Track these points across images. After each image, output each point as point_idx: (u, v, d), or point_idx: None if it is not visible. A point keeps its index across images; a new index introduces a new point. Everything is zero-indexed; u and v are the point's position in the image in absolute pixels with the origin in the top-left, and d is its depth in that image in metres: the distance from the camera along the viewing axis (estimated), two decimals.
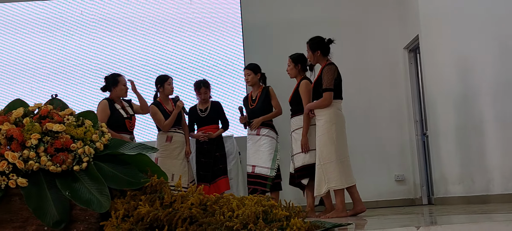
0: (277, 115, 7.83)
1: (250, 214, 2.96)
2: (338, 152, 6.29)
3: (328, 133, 6.32)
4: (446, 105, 8.07)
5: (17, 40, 9.07)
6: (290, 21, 9.70)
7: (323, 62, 6.53)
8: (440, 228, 3.00)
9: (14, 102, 3.57)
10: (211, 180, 7.91)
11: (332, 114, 6.35)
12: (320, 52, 6.55)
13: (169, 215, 2.97)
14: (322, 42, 6.59)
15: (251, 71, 7.87)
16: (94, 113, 3.69)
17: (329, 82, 6.32)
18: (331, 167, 6.28)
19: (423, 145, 9.54)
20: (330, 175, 6.28)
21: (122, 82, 7.24)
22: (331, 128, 6.32)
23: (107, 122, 6.87)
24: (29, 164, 3.14)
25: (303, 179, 6.92)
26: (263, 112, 7.76)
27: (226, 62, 9.32)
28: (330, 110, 6.35)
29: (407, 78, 9.72)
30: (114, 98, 7.17)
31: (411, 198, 9.57)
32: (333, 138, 6.30)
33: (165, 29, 9.34)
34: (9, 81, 8.93)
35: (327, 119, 6.34)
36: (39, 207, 3.04)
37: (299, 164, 6.92)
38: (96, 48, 9.20)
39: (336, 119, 6.35)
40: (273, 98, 7.81)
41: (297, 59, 7.18)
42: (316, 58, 6.59)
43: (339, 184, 6.28)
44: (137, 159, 3.41)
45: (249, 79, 7.89)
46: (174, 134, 7.74)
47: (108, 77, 7.27)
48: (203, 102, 8.21)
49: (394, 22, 9.82)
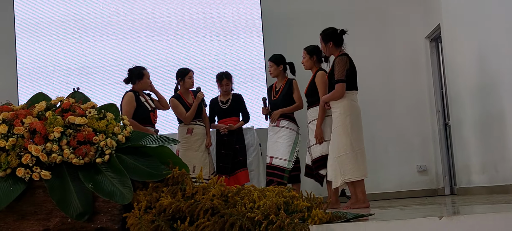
0: (297, 109, 7.80)
1: (271, 205, 2.96)
2: (353, 144, 6.23)
3: (343, 124, 6.26)
4: (468, 95, 8.01)
5: (39, 35, 9.12)
6: (310, 12, 9.66)
7: (336, 54, 6.45)
8: (463, 218, 2.98)
9: (36, 96, 3.61)
10: (231, 172, 7.94)
11: (347, 106, 6.28)
12: (332, 44, 6.44)
13: (191, 206, 2.98)
14: (335, 33, 6.48)
15: (273, 63, 7.87)
16: (116, 106, 3.71)
17: (341, 74, 6.23)
18: (347, 159, 6.22)
19: (445, 135, 9.48)
20: (345, 167, 6.22)
21: (147, 76, 7.28)
22: (345, 119, 6.26)
23: (133, 114, 6.95)
24: (52, 157, 3.17)
25: (321, 169, 6.91)
26: (285, 104, 7.74)
27: (246, 54, 9.31)
28: (344, 102, 6.28)
29: (429, 68, 9.65)
30: (138, 91, 7.21)
31: (433, 188, 9.52)
32: (348, 130, 6.24)
33: (185, 23, 9.33)
34: (32, 76, 8.99)
35: (341, 110, 6.28)
36: (63, 199, 3.07)
37: (317, 154, 6.92)
38: (116, 42, 9.22)
39: (351, 110, 6.28)
40: (295, 91, 7.78)
41: (312, 51, 7.17)
42: (329, 49, 6.50)
43: (354, 175, 6.22)
44: (159, 151, 3.43)
45: (271, 71, 7.90)
46: (195, 126, 7.76)
47: (132, 70, 7.30)
48: (225, 94, 8.21)
49: (416, 12, 9.76)
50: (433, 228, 2.93)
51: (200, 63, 9.19)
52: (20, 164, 3.13)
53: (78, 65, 9.11)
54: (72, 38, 9.15)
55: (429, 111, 9.64)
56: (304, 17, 9.64)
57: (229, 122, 8.10)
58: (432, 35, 9.48)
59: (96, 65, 9.14)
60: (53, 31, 9.15)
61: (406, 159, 9.56)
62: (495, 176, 7.40)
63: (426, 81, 9.67)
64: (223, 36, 9.34)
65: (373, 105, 9.46)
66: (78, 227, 3.10)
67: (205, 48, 9.30)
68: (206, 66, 9.17)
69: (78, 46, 9.14)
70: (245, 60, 9.25)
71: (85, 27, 9.20)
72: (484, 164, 7.70)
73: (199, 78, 8.55)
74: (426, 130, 9.63)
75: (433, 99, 9.59)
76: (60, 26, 9.19)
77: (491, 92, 7.40)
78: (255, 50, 9.26)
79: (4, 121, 3.24)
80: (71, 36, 9.16)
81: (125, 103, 7.09)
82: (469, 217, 3.01)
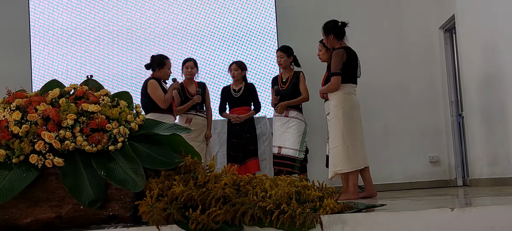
0: (303, 101, 7.88)
1: (283, 194, 2.97)
2: (345, 136, 6.28)
3: (336, 116, 6.37)
4: (482, 86, 7.97)
5: (54, 21, 9.16)
6: (324, 4, 9.62)
7: (337, 46, 6.51)
8: (475, 210, 2.97)
9: (50, 83, 3.61)
10: (242, 161, 7.96)
11: (340, 98, 6.35)
12: (333, 36, 6.52)
13: (203, 194, 2.98)
14: (336, 26, 6.54)
15: (284, 53, 7.90)
16: (129, 94, 3.71)
17: (336, 67, 6.31)
18: (338, 151, 6.31)
19: (458, 126, 9.44)
20: (336, 158, 6.31)
21: (168, 66, 7.31)
22: (338, 112, 6.34)
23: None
24: (65, 144, 3.18)
25: None
26: (293, 95, 7.81)
27: (260, 44, 9.31)
28: (338, 94, 6.36)
29: (442, 59, 9.61)
30: (158, 79, 7.24)
31: (445, 180, 9.49)
32: (340, 122, 6.31)
33: (199, 10, 9.35)
34: (46, 63, 9.04)
35: (335, 103, 6.38)
36: (75, 186, 3.08)
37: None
38: (130, 26, 9.26)
39: (343, 103, 6.34)
40: (302, 84, 7.85)
41: None
42: (330, 42, 6.58)
43: (345, 167, 6.29)
44: (171, 139, 3.43)
45: (281, 62, 7.93)
46: (194, 116, 7.78)
47: (155, 57, 7.33)
48: (237, 83, 8.23)
49: (430, 2, 9.72)
50: (445, 220, 2.92)
51: (213, 56, 9.20)
52: (33, 150, 3.14)
53: (92, 50, 9.16)
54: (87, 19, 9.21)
55: (443, 102, 9.61)
56: (317, 7, 9.61)
57: (240, 111, 8.13)
58: (446, 25, 9.43)
59: (111, 47, 9.20)
60: (66, 13, 9.20)
61: (419, 149, 9.54)
62: (508, 168, 7.37)
63: (440, 72, 9.63)
64: (237, 26, 9.34)
65: (386, 95, 9.45)
66: (90, 214, 3.11)
67: (218, 37, 9.31)
68: (219, 59, 9.18)
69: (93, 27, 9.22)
70: (258, 50, 9.25)
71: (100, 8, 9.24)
72: (497, 155, 7.67)
73: (213, 72, 8.61)
74: (439, 120, 9.60)
75: (446, 90, 9.55)
76: (75, 14, 9.23)
77: (505, 83, 7.36)
78: (268, 40, 9.26)
79: (18, 107, 3.26)
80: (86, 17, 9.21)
81: (153, 89, 7.12)
82: (481, 208, 3.00)
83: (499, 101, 7.54)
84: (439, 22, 9.55)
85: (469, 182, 8.80)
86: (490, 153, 7.86)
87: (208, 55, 9.14)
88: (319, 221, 2.85)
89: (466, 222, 2.91)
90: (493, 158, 7.78)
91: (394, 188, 8.92)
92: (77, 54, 9.11)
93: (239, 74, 8.22)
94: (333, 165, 6.37)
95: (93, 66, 8.98)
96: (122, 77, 8.97)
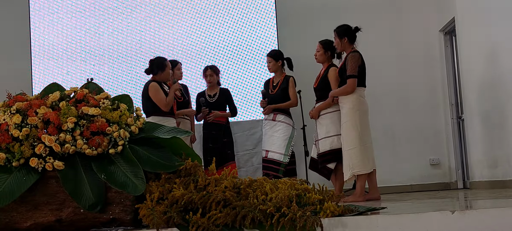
0: (290, 106, 7.98)
1: (284, 197, 2.97)
2: (361, 138, 6.46)
3: (352, 119, 6.50)
4: (482, 89, 7.97)
5: (54, 24, 9.16)
6: (324, 4, 9.63)
7: (349, 50, 6.66)
8: (476, 213, 2.97)
9: (50, 86, 3.61)
10: (219, 165, 7.91)
11: (356, 101, 6.51)
12: (347, 39, 6.66)
13: (203, 198, 2.99)
14: (350, 29, 6.70)
15: (271, 58, 8.03)
16: (129, 97, 3.71)
17: (353, 69, 6.47)
18: (355, 153, 6.46)
19: (458, 128, 9.44)
20: (353, 161, 6.46)
21: (169, 67, 7.29)
22: (354, 114, 6.49)
23: None
24: (65, 147, 3.18)
25: (329, 163, 6.97)
26: (282, 99, 7.92)
27: (259, 46, 9.30)
28: (353, 97, 6.51)
29: (442, 61, 9.61)
30: (160, 82, 7.22)
31: (446, 182, 9.48)
32: (357, 125, 6.47)
33: (199, 13, 9.35)
34: (46, 66, 9.04)
35: (350, 106, 6.51)
36: (75, 189, 3.08)
37: (327, 148, 6.98)
38: (129, 30, 9.25)
39: (359, 106, 6.51)
40: (291, 89, 7.93)
41: (327, 45, 7.21)
42: (343, 45, 6.70)
43: (362, 169, 6.47)
44: (172, 143, 3.43)
45: (270, 66, 8.02)
46: (182, 120, 7.77)
47: (153, 61, 7.31)
48: (211, 88, 8.27)
49: (430, 5, 9.71)
50: (445, 223, 2.92)
51: (212, 55, 9.20)
52: (33, 154, 3.14)
53: (92, 53, 9.16)
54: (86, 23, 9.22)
55: (443, 104, 9.60)
56: (318, 10, 9.62)
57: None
58: (446, 28, 9.43)
59: (111, 51, 9.19)
60: (66, 17, 9.20)
61: (419, 152, 9.53)
62: (509, 170, 7.36)
63: (440, 75, 9.62)
64: (237, 28, 9.34)
65: (386, 98, 9.44)
66: (91, 217, 3.11)
67: (219, 40, 9.31)
68: (219, 58, 9.18)
69: (93, 31, 9.20)
70: (258, 53, 9.25)
71: (99, 12, 9.25)
72: (498, 158, 7.66)
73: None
74: (440, 123, 9.59)
75: (446, 93, 9.55)
76: (75, 12, 9.23)
77: (505, 86, 7.36)
78: (268, 42, 9.26)
79: (18, 110, 3.26)
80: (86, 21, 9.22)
81: (154, 93, 7.08)
82: (482, 211, 3.00)
83: (499, 104, 7.54)
84: (439, 25, 9.55)
85: (469, 184, 8.79)
86: (490, 155, 7.85)
87: (206, 59, 9.13)
88: (320, 224, 2.85)
89: (467, 225, 2.91)
90: (493, 161, 7.77)
91: (395, 191, 8.91)
92: (78, 58, 9.10)
93: (214, 79, 8.26)
94: (349, 167, 6.49)
95: (94, 70, 8.98)
96: (122, 80, 8.96)
